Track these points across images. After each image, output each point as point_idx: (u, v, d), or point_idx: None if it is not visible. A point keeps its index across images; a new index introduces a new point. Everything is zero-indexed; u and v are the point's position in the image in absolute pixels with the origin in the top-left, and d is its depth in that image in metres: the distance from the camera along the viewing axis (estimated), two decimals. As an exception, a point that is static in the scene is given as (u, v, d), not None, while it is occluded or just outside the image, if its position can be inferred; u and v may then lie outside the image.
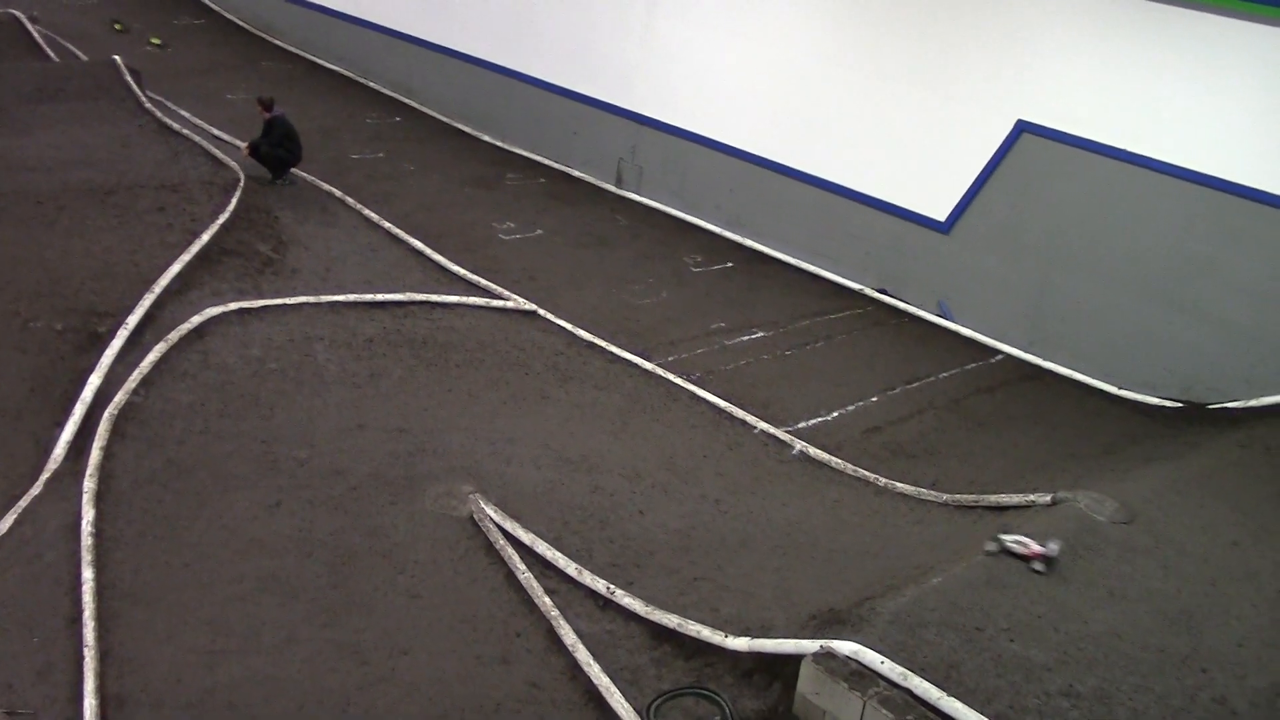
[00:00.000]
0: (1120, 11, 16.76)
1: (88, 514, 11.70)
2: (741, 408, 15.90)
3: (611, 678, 10.19)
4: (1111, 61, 17.03)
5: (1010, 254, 18.75)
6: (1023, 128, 18.09)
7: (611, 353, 17.07)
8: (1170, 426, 16.28)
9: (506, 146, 26.99)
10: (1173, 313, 16.96)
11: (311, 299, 16.66)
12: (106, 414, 13.28)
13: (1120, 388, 17.42)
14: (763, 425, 15.53)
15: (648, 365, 16.78)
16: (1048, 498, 12.76)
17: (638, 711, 9.83)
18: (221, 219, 17.96)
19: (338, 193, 21.76)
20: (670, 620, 10.79)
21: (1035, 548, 11.24)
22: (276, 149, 21.39)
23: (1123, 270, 17.41)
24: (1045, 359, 18.40)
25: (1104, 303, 17.69)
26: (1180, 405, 16.83)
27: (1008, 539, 11.36)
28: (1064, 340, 18.26)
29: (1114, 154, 17.12)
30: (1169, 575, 11.24)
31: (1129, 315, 17.43)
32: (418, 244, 19.84)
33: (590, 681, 10.21)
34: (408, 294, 17.46)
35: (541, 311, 17.94)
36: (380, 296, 17.15)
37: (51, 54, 27.13)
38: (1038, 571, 11.10)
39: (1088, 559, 11.33)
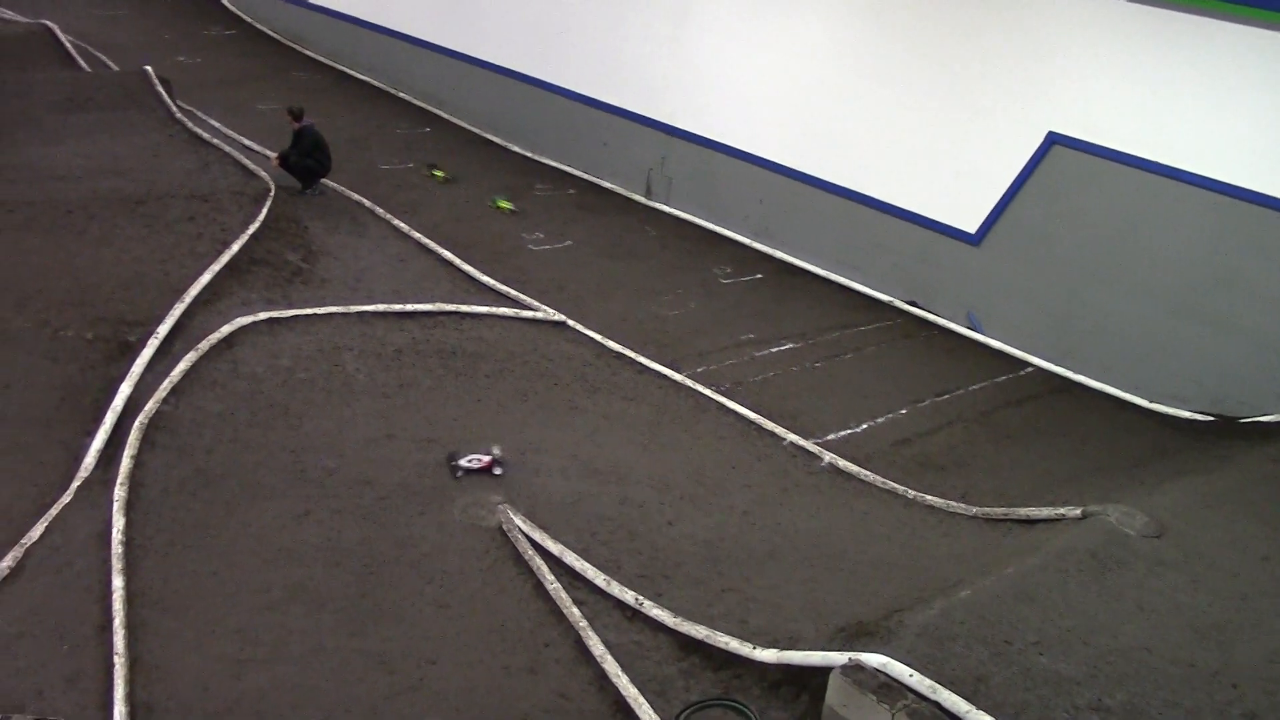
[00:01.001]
0: (1151, 23, 16.71)
1: (118, 522, 11.74)
2: (770, 419, 15.86)
3: (640, 688, 10.18)
4: (1142, 73, 16.97)
5: (1040, 266, 18.69)
6: (1053, 139, 18.04)
7: (640, 364, 17.06)
8: (1201, 440, 16.18)
9: (536, 157, 27.03)
10: (1203, 325, 16.87)
11: (341, 309, 16.71)
12: (137, 423, 13.33)
13: (1151, 401, 17.34)
14: (792, 437, 15.49)
15: (677, 376, 16.78)
16: (1077, 511, 12.68)
17: (665, 723, 9.84)
18: (251, 229, 18.00)
19: (367, 203, 21.81)
20: (698, 631, 10.78)
21: (485, 459, 13.35)
22: (306, 159, 21.45)
23: (1153, 282, 17.34)
24: (1075, 372, 18.32)
25: (1134, 315, 17.62)
26: (1211, 419, 16.73)
27: (461, 461, 13.64)
28: (1094, 353, 18.18)
29: (1144, 165, 17.06)
30: (1199, 589, 11.16)
31: (1159, 328, 17.35)
32: (447, 254, 19.87)
33: (618, 692, 10.20)
34: (437, 304, 17.47)
35: (570, 322, 17.94)
36: (409, 307, 17.18)
37: (83, 63, 27.26)
38: (497, 475, 13.46)
39: (1117, 573, 11.27)
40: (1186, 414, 16.93)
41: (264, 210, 18.64)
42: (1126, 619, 10.50)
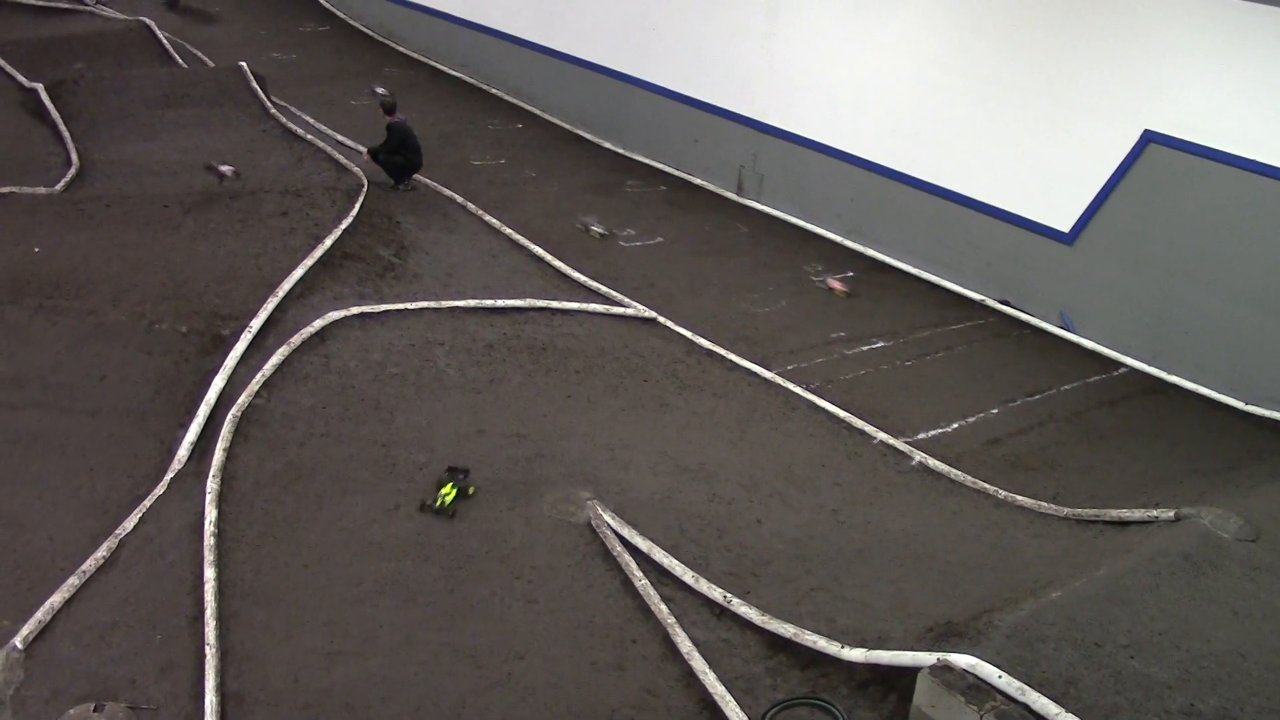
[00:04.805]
0: (1250, 19, 16.44)
1: (210, 514, 11.87)
2: (860, 418, 15.76)
3: (726, 686, 10.16)
4: (1241, 71, 16.70)
5: (1135, 266, 18.43)
6: (1149, 138, 17.79)
7: (730, 361, 17.01)
8: (1298, 443, 15.98)
9: (627, 153, 26.96)
10: (1302, 327, 16.62)
11: (432, 304, 16.76)
12: (229, 416, 13.45)
13: (1247, 403, 17.09)
14: (882, 435, 15.40)
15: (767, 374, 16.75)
16: (1170, 513, 12.52)
17: (752, 721, 9.81)
18: (344, 224, 18.11)
19: (459, 198, 21.89)
20: (786, 630, 10.74)
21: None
22: (396, 155, 21.53)
23: (1251, 282, 17.03)
24: (1169, 373, 18.04)
25: (1231, 316, 17.33)
26: (1310, 422, 16.51)
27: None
28: (1189, 354, 17.89)
29: (1243, 164, 16.76)
30: (1296, 595, 11.02)
31: (1256, 329, 17.06)
32: (538, 250, 19.92)
33: (705, 690, 10.19)
34: (528, 300, 17.51)
35: (661, 319, 17.92)
36: (500, 302, 17.21)
37: (179, 60, 27.55)
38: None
39: (1211, 576, 11.11)
40: (1284, 416, 16.69)
41: (356, 205, 18.76)
42: (1220, 623, 10.36)
